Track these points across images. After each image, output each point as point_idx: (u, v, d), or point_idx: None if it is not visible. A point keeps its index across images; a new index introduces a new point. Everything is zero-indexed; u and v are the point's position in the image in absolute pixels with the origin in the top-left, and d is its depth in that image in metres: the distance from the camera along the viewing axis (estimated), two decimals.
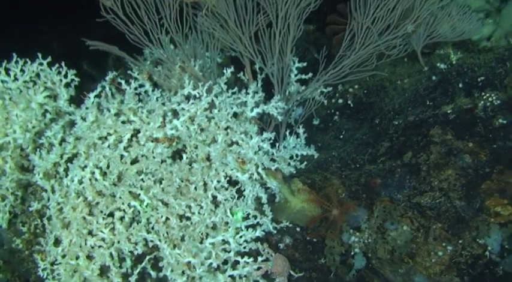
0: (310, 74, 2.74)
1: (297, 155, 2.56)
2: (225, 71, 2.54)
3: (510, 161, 2.28)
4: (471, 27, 2.75)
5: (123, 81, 2.30)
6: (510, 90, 2.40)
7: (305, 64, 2.76)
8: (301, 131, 2.64)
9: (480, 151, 2.33)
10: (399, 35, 2.67)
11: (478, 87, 2.48)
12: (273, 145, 2.47)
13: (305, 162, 2.51)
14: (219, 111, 2.38)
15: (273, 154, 2.45)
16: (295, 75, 2.77)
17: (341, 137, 2.84)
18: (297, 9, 2.66)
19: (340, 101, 3.03)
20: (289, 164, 2.54)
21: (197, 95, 2.38)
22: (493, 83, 2.46)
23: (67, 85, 2.42)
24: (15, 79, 2.37)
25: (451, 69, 2.71)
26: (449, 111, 2.46)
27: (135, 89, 2.38)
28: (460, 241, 2.23)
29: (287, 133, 2.72)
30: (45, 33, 3.80)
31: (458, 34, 2.77)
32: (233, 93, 2.48)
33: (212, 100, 2.37)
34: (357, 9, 2.65)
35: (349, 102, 2.99)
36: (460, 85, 2.55)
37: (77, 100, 2.49)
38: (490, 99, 2.40)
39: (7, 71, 2.38)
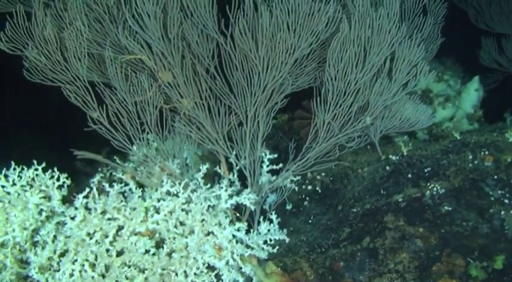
0: (280, 165, 3.04)
1: (270, 240, 2.82)
2: (201, 167, 2.85)
3: (456, 244, 2.54)
4: (423, 118, 3.05)
5: (107, 185, 2.60)
6: (453, 180, 2.68)
7: (276, 155, 3.06)
8: (274, 217, 2.91)
9: (430, 236, 2.59)
10: (358, 129, 2.99)
11: (425, 177, 2.77)
12: (248, 231, 2.75)
13: (277, 247, 2.77)
14: (195, 205, 2.67)
15: (248, 240, 2.73)
16: (267, 166, 3.07)
17: (310, 221, 3.10)
18: (265, 108, 2.99)
19: (310, 187, 3.32)
20: (263, 249, 2.80)
21: (175, 192, 2.68)
22: (438, 173, 2.75)
23: (60, 187, 2.72)
24: (14, 184, 2.67)
25: (402, 160, 3.01)
26: (400, 200, 2.73)
27: (120, 188, 2.68)
28: None
29: (261, 219, 2.99)
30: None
31: (412, 125, 3.08)
32: (207, 188, 2.78)
33: (189, 195, 2.67)
34: (318, 106, 2.98)
35: (317, 188, 3.28)
36: (409, 175, 2.84)
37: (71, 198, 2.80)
38: (435, 188, 2.68)
39: (6, 177, 2.69)
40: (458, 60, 4.41)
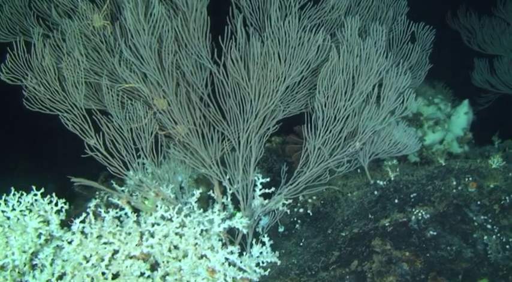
0: (273, 189, 3.12)
1: (262, 262, 2.91)
2: (195, 191, 2.95)
3: (441, 268, 2.61)
4: (411, 144, 3.14)
5: (102, 210, 2.69)
6: (438, 205, 2.77)
7: (268, 179, 3.14)
8: (266, 239, 2.99)
9: (416, 259, 2.67)
10: (347, 154, 3.08)
11: (411, 203, 2.86)
12: (241, 253, 2.83)
13: (269, 269, 2.85)
14: (188, 229, 2.76)
15: (240, 263, 2.81)
16: (260, 190, 3.15)
17: (301, 244, 3.18)
18: (257, 134, 3.09)
19: (301, 210, 3.40)
20: (255, 272, 2.88)
21: (169, 217, 2.77)
22: (423, 198, 2.83)
23: (58, 212, 2.82)
24: (13, 209, 2.77)
25: (389, 185, 3.10)
26: (387, 224, 2.82)
27: (116, 213, 2.77)
28: None
29: (253, 242, 3.07)
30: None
31: (400, 150, 3.16)
32: (200, 213, 2.87)
33: (182, 220, 2.76)
34: (308, 132, 3.07)
35: (308, 211, 3.36)
36: (396, 200, 2.93)
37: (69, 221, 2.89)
38: (420, 214, 2.76)
39: (6, 202, 2.78)
40: (449, 82, 4.50)
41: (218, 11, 3.08)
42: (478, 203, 2.79)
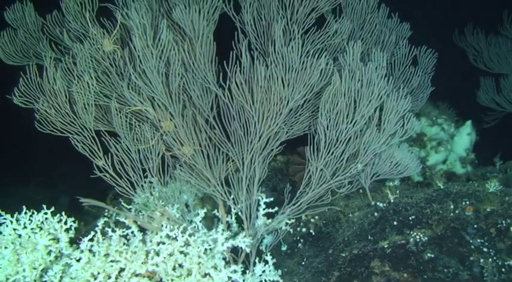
0: (276, 208, 3.20)
1: (265, 281, 2.99)
2: (199, 211, 3.05)
3: None
4: (412, 166, 3.20)
5: (109, 230, 2.79)
6: (435, 228, 2.83)
7: (272, 199, 3.22)
8: (269, 258, 3.07)
9: (413, 281, 2.73)
10: (348, 175, 3.15)
11: (409, 225, 2.92)
12: (244, 272, 2.91)
13: None
14: (193, 248, 2.85)
15: (243, 281, 2.89)
16: (263, 209, 3.23)
17: (303, 263, 3.25)
18: (261, 155, 3.18)
19: (304, 229, 3.47)
20: None
21: (174, 236, 2.86)
22: (422, 221, 2.90)
23: (67, 230, 2.92)
24: (25, 227, 2.87)
25: (389, 207, 3.16)
26: (386, 246, 2.88)
27: (122, 232, 2.87)
28: None
29: (256, 260, 3.15)
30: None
31: (401, 172, 3.23)
32: (205, 233, 2.96)
33: (187, 239, 2.85)
34: (311, 154, 3.15)
35: (311, 230, 3.44)
36: (395, 223, 2.99)
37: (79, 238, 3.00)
38: (418, 236, 2.83)
39: (18, 220, 2.89)
40: (453, 101, 4.56)
41: (224, 35, 3.18)
42: (475, 226, 2.85)
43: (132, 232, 2.97)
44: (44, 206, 2.91)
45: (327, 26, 3.33)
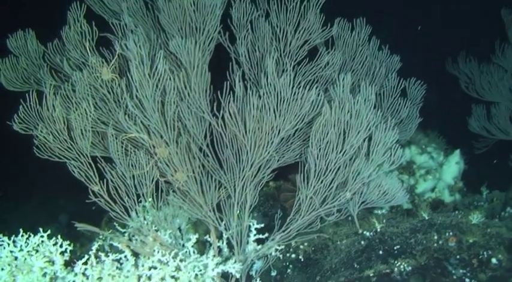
0: (266, 234, 3.29)
1: None
2: (191, 236, 3.13)
3: None
4: (399, 195, 3.28)
5: (103, 254, 2.87)
6: (419, 258, 2.92)
7: (262, 225, 3.30)
8: None
9: None
10: (337, 204, 3.24)
11: (394, 255, 3.01)
12: None
13: None
14: (183, 273, 2.93)
15: None
16: (254, 235, 3.31)
17: None
18: (252, 182, 3.27)
19: (293, 255, 3.56)
20: None
21: (165, 261, 2.94)
22: (406, 251, 2.99)
23: (62, 253, 3.00)
24: (21, 250, 2.95)
25: (375, 237, 3.25)
26: (371, 275, 2.97)
27: (115, 256, 2.95)
28: None
29: None
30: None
31: (388, 201, 3.31)
32: (195, 258, 3.04)
33: (178, 264, 2.93)
34: (301, 182, 3.24)
35: (300, 257, 3.52)
36: (380, 252, 3.08)
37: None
38: (402, 266, 2.91)
39: (14, 243, 2.97)
40: (443, 129, 4.66)
41: (218, 65, 3.29)
42: (458, 257, 2.93)
43: (125, 256, 3.05)
44: (41, 229, 2.99)
45: (318, 58, 3.44)
